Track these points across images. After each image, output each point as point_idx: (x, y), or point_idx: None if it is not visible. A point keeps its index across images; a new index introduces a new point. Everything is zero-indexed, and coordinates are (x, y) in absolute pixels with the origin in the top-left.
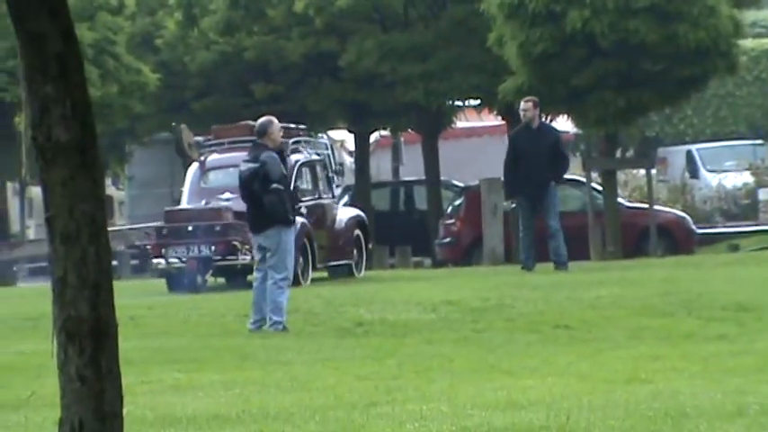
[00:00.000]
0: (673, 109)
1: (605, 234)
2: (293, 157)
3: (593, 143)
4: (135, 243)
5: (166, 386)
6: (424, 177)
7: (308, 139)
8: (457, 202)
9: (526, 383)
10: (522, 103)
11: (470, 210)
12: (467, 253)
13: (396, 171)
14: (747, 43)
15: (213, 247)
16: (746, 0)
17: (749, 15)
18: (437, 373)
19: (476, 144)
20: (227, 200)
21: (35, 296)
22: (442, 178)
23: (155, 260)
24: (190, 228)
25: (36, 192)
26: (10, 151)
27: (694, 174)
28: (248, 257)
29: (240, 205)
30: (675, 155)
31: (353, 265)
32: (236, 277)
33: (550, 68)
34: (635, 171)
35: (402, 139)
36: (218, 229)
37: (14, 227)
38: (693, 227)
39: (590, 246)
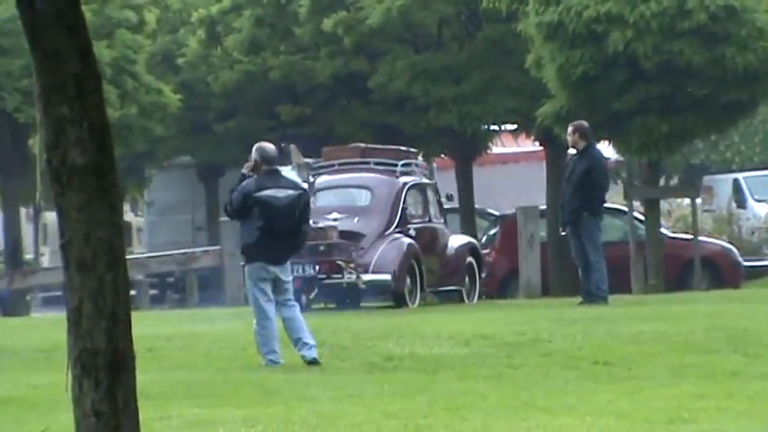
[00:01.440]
0: (719, 135)
1: (647, 266)
2: (402, 180)
3: (636, 170)
4: (154, 271)
5: (186, 422)
6: (457, 205)
7: (419, 162)
8: (492, 232)
9: (563, 422)
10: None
11: (506, 240)
12: (502, 285)
13: None
14: None
15: (317, 267)
16: None
17: None
18: (469, 410)
19: (512, 171)
20: (335, 220)
21: (49, 326)
22: (476, 206)
23: None
24: None
25: (51, 217)
26: (24, 175)
27: (741, 203)
28: (353, 276)
29: (347, 225)
30: (721, 183)
31: (464, 292)
32: (342, 297)
33: (591, 92)
34: (679, 200)
35: (435, 164)
36: (322, 248)
37: (28, 254)
38: (740, 259)
39: (631, 278)
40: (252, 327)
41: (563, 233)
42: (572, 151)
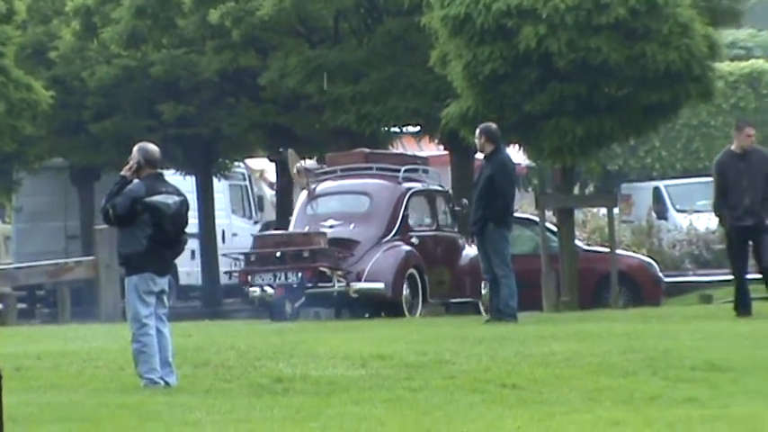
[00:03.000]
0: (638, 140)
1: (560, 281)
2: (404, 186)
3: (548, 177)
4: (22, 283)
5: None
6: None
7: (427, 168)
8: None
9: None
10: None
11: None
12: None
13: None
14: (724, 66)
15: (300, 274)
16: (724, 17)
17: (727, 35)
18: None
19: None
20: (331, 227)
21: None
22: None
23: (250, 289)
24: (278, 254)
25: None
26: None
27: (662, 214)
28: (343, 284)
29: (341, 232)
30: (641, 192)
31: (481, 305)
32: (330, 306)
33: (500, 92)
34: (595, 210)
35: None
36: (306, 254)
37: None
38: (660, 274)
39: (543, 294)
40: (130, 344)
41: (471, 245)
42: (480, 155)
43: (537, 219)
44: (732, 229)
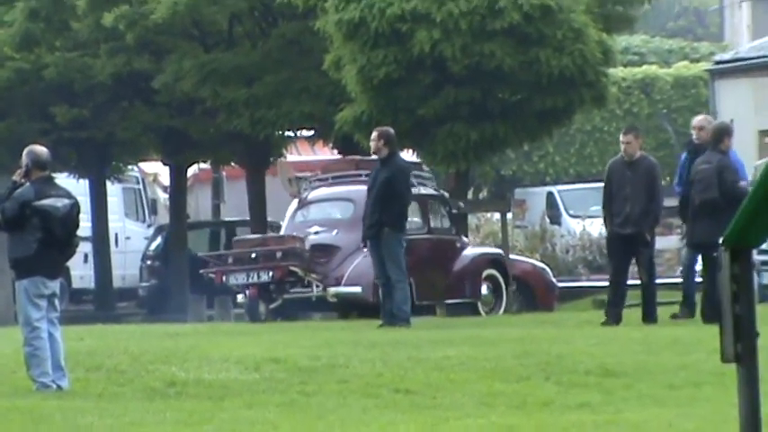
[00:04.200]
0: (532, 145)
1: None
2: None
3: (442, 182)
4: None
5: None
6: (248, 217)
7: (422, 173)
8: None
9: None
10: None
11: None
12: None
13: (216, 209)
14: (618, 72)
15: (271, 273)
16: (618, 23)
17: (620, 41)
18: None
19: None
20: (316, 233)
21: None
22: (269, 219)
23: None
24: (253, 255)
25: None
26: None
27: (555, 219)
28: (319, 289)
29: (323, 238)
30: (535, 197)
31: (479, 305)
32: (310, 310)
33: (394, 96)
34: (488, 214)
35: (224, 173)
36: (278, 255)
37: None
38: (554, 279)
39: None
40: (22, 347)
41: (364, 248)
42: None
43: None
44: (612, 235)
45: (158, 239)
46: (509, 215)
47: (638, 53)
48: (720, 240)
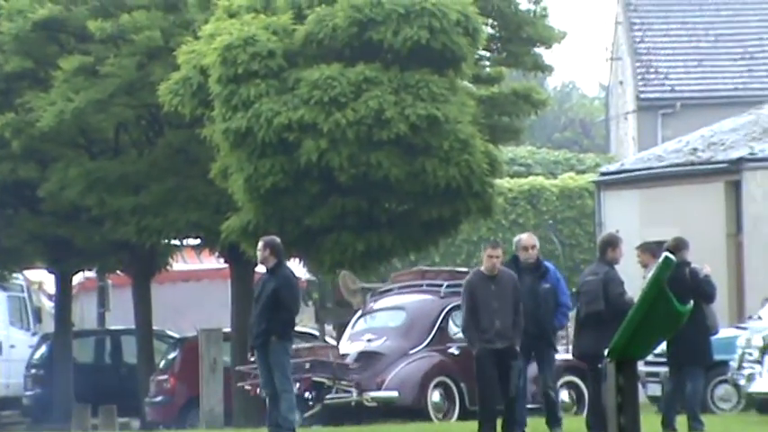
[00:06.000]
0: (418, 255)
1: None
2: (445, 300)
3: (328, 292)
4: None
5: None
6: (133, 326)
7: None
8: (171, 356)
9: None
10: None
11: (186, 364)
12: (181, 413)
13: (102, 318)
14: (504, 183)
15: (298, 384)
16: (504, 134)
17: (507, 151)
18: None
19: (194, 289)
20: (369, 341)
21: None
22: (154, 328)
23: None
24: None
25: None
26: None
27: None
28: (353, 394)
29: (372, 346)
30: None
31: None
32: (350, 416)
33: (281, 205)
34: None
35: (110, 281)
36: (307, 366)
37: None
38: None
39: None
40: None
41: (251, 358)
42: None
43: (317, 333)
44: (482, 352)
45: (43, 348)
46: None
47: (524, 164)
48: (606, 352)
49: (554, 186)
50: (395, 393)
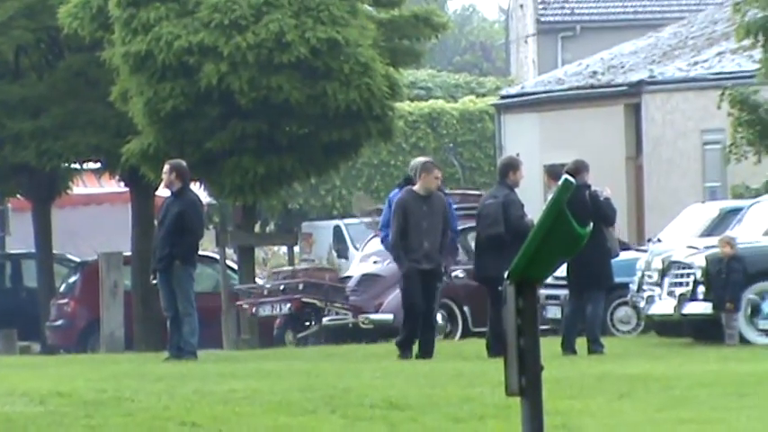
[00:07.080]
0: (319, 179)
1: (240, 319)
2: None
3: (229, 215)
4: None
5: None
6: (33, 250)
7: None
8: (71, 280)
9: None
10: None
11: (87, 288)
12: (82, 337)
13: (2, 242)
14: (405, 106)
15: (289, 305)
16: (405, 58)
17: (407, 75)
18: None
19: (95, 213)
20: (374, 262)
21: None
22: (54, 252)
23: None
24: (281, 287)
25: None
26: None
27: (342, 252)
28: (349, 316)
29: (373, 269)
30: (321, 230)
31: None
32: (347, 337)
33: (181, 129)
34: (276, 248)
35: (10, 205)
36: (300, 287)
37: None
38: None
39: (223, 332)
40: None
41: (154, 281)
42: (164, 192)
43: (217, 256)
44: (410, 270)
45: None
46: (296, 248)
47: (424, 87)
48: (506, 274)
49: (454, 110)
50: (390, 316)
